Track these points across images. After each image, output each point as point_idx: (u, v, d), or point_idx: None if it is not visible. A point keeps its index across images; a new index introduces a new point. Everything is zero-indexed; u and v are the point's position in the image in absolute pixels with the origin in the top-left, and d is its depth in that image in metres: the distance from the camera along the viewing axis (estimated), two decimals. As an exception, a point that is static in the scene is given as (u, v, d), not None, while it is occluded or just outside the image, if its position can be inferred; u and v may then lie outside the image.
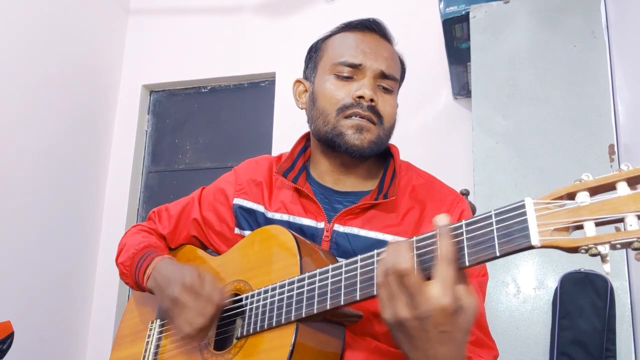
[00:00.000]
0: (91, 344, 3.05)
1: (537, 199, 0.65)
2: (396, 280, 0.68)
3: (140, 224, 1.23)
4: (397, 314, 0.67)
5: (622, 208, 0.58)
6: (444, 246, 0.67)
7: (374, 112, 1.00)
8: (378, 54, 1.03)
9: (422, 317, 0.65)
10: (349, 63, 1.02)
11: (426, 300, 0.65)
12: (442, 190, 1.05)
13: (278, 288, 0.87)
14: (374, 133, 1.00)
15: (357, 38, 1.05)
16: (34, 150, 2.76)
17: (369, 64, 1.01)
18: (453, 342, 0.67)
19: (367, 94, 0.99)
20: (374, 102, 1.00)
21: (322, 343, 0.86)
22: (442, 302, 0.64)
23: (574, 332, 1.63)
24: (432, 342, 0.67)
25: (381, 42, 1.06)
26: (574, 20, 1.92)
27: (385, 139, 1.04)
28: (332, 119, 1.01)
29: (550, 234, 0.62)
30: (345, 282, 0.79)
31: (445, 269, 0.66)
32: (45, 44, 2.85)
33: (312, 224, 1.01)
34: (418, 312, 0.65)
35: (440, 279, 0.65)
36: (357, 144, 0.99)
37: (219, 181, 1.19)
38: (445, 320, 0.65)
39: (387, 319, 0.69)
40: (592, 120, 1.80)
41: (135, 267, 1.08)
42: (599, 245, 0.59)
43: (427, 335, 0.66)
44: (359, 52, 1.03)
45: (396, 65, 1.07)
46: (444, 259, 0.66)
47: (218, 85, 3.34)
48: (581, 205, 0.61)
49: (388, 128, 1.03)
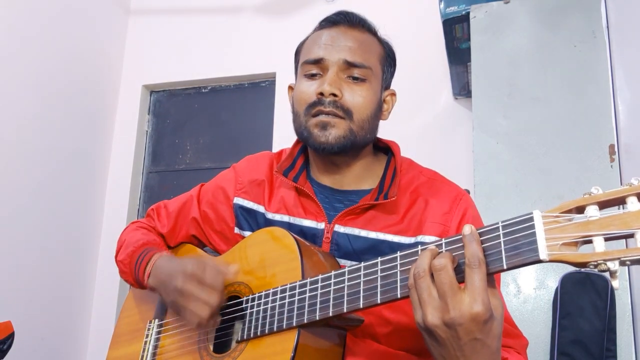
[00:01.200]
0: (91, 344, 3.05)
1: (546, 211, 0.64)
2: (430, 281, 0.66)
3: (139, 220, 1.22)
4: (426, 318, 0.66)
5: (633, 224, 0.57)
6: (471, 252, 0.65)
7: (337, 107, 0.96)
8: (339, 44, 1.00)
9: (453, 324, 0.64)
10: (312, 60, 1.00)
11: (458, 307, 0.63)
12: (444, 188, 1.03)
13: (279, 293, 0.86)
14: (340, 128, 0.97)
15: (323, 34, 1.03)
16: (34, 150, 2.76)
17: (329, 56, 0.99)
18: (486, 350, 0.65)
19: (326, 89, 0.96)
20: (337, 96, 0.97)
21: (324, 348, 0.85)
22: (474, 310, 0.63)
23: (574, 332, 1.63)
24: (464, 350, 0.65)
25: (347, 32, 1.02)
26: (574, 20, 1.92)
27: (360, 132, 0.99)
28: (302, 120, 1.00)
29: (559, 249, 0.61)
30: (348, 290, 0.78)
31: (475, 275, 0.64)
32: (45, 44, 2.85)
33: (312, 225, 1.00)
34: (449, 317, 0.64)
35: (471, 286, 0.64)
36: (322, 141, 0.97)
37: (218, 179, 1.17)
38: (478, 328, 0.64)
39: (418, 323, 0.68)
40: (593, 120, 1.80)
41: (135, 265, 1.07)
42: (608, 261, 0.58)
43: (459, 342, 0.65)
44: (320, 46, 1.01)
45: (366, 52, 1.01)
46: (472, 264, 0.65)
47: (218, 85, 3.34)
48: (590, 219, 0.60)
49: (360, 120, 0.98)
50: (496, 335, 0.65)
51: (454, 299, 0.64)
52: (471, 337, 0.64)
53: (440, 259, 0.66)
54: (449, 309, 0.64)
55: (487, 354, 0.66)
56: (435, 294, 0.66)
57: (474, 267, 0.64)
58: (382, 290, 0.74)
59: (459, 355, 0.66)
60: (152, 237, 1.14)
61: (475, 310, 0.63)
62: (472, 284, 0.64)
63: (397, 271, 0.74)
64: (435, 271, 0.66)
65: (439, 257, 0.67)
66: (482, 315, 0.63)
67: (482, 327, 0.64)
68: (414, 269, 0.68)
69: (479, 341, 0.64)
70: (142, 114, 3.37)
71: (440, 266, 0.66)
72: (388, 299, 0.74)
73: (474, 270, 0.64)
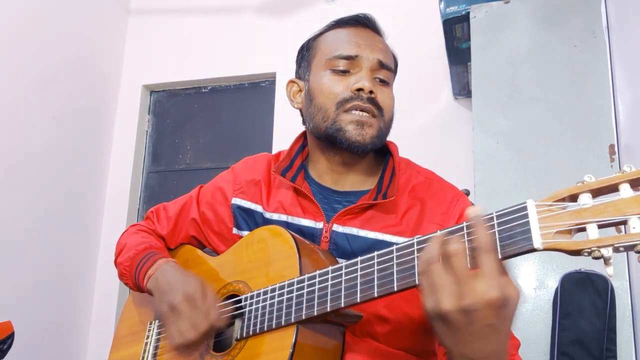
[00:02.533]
0: (91, 344, 3.05)
1: (539, 200, 0.64)
2: (442, 267, 0.65)
3: (139, 223, 1.22)
4: (440, 305, 0.64)
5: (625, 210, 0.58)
6: (482, 236, 0.64)
7: (374, 104, 0.98)
8: (373, 45, 1.02)
9: (468, 310, 0.63)
10: (345, 55, 1.01)
11: (472, 292, 0.62)
12: (442, 188, 1.03)
13: (277, 290, 0.87)
14: (375, 127, 0.98)
15: (350, 32, 1.04)
16: (34, 150, 2.76)
17: (365, 55, 1.00)
18: (498, 335, 0.65)
19: (367, 85, 0.98)
20: (373, 93, 0.98)
21: (323, 344, 0.85)
22: (490, 295, 0.62)
23: (574, 332, 1.63)
24: (477, 336, 0.64)
25: (374, 35, 1.06)
26: (574, 20, 1.92)
27: (386, 132, 1.02)
28: (331, 114, 0.99)
29: (553, 237, 0.62)
30: (345, 284, 0.78)
31: (488, 259, 0.63)
32: (45, 44, 2.85)
33: (310, 225, 1.00)
34: (463, 304, 0.63)
35: (486, 271, 0.63)
36: (359, 140, 0.97)
37: (217, 180, 1.17)
38: (492, 314, 0.62)
39: (430, 309, 0.66)
40: (593, 120, 1.80)
41: (136, 268, 1.07)
42: (601, 248, 0.58)
43: (472, 328, 0.64)
44: (353, 44, 1.02)
45: (390, 57, 1.06)
46: (485, 248, 0.63)
47: (218, 85, 3.34)
48: (584, 207, 0.61)
49: (388, 120, 1.02)
50: (509, 321, 0.65)
51: (468, 284, 0.63)
52: (485, 322, 0.63)
53: (453, 244, 0.65)
54: (463, 294, 0.63)
55: (498, 339, 0.65)
56: (448, 280, 0.64)
57: (486, 251, 0.63)
58: (378, 284, 0.75)
59: (471, 341, 0.65)
60: (153, 240, 1.14)
61: (490, 296, 0.62)
62: (487, 269, 0.63)
63: (394, 263, 0.74)
64: (447, 257, 0.65)
65: (451, 242, 0.66)
66: (498, 301, 0.62)
67: (498, 313, 0.63)
68: (425, 255, 0.67)
69: (493, 327, 0.63)
70: (142, 114, 3.37)
71: (453, 251, 0.65)
72: (384, 292, 0.74)
73: (487, 254, 0.63)
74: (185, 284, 0.93)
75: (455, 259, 0.65)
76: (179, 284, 0.94)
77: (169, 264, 1.03)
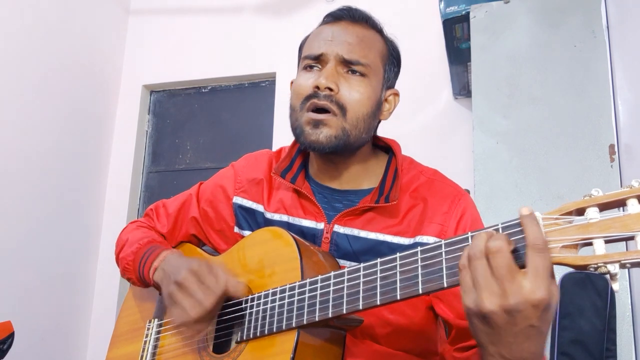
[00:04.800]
0: (91, 344, 3.05)
1: (545, 213, 0.63)
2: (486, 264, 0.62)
3: (139, 220, 1.21)
4: (482, 303, 0.62)
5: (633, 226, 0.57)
6: (533, 233, 0.61)
7: (332, 101, 0.94)
8: (340, 39, 0.98)
9: (512, 310, 0.60)
10: (312, 55, 0.99)
11: (519, 292, 0.60)
12: (444, 188, 1.01)
13: (279, 293, 0.86)
14: (333, 127, 0.94)
15: (326, 29, 1.02)
16: (34, 150, 2.76)
17: (329, 51, 0.98)
18: (539, 337, 0.63)
19: (322, 82, 0.94)
20: (332, 90, 0.94)
21: (323, 349, 0.85)
22: (537, 296, 0.59)
23: (574, 332, 1.63)
24: (518, 337, 0.62)
25: (348, 27, 1.01)
26: (574, 20, 1.92)
27: (353, 131, 0.96)
28: (298, 114, 0.98)
29: (559, 251, 0.61)
30: (347, 291, 0.78)
31: (538, 258, 0.60)
32: (45, 44, 2.85)
33: (311, 225, 1.00)
34: (508, 303, 0.60)
35: (535, 271, 0.60)
36: (313, 140, 0.94)
37: (218, 177, 1.16)
38: (536, 315, 0.61)
39: (470, 307, 0.63)
40: (593, 120, 1.80)
41: (140, 262, 1.06)
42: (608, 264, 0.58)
43: (514, 329, 0.61)
44: (321, 42, 1.00)
45: (365, 48, 0.99)
46: (535, 247, 0.61)
47: (218, 85, 3.34)
48: (591, 221, 0.60)
49: (354, 118, 0.95)
50: (550, 322, 0.63)
51: (513, 284, 0.60)
52: (528, 323, 0.61)
53: (496, 241, 0.63)
54: (507, 294, 0.60)
55: (539, 340, 0.64)
56: (492, 278, 0.62)
57: (537, 250, 0.61)
58: (381, 292, 0.74)
59: (512, 342, 0.63)
60: (155, 235, 1.14)
61: (537, 297, 0.60)
62: (537, 269, 0.60)
63: (397, 272, 0.73)
64: (491, 253, 0.62)
65: (494, 239, 0.63)
66: (544, 302, 0.60)
67: (541, 315, 0.61)
68: (468, 250, 0.65)
69: (535, 328, 0.62)
70: (142, 114, 3.37)
71: (496, 248, 0.62)
72: (387, 300, 0.74)
73: (537, 253, 0.61)
74: (189, 262, 0.93)
75: (500, 255, 0.62)
76: (183, 264, 0.93)
77: (173, 254, 1.03)
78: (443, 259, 0.69)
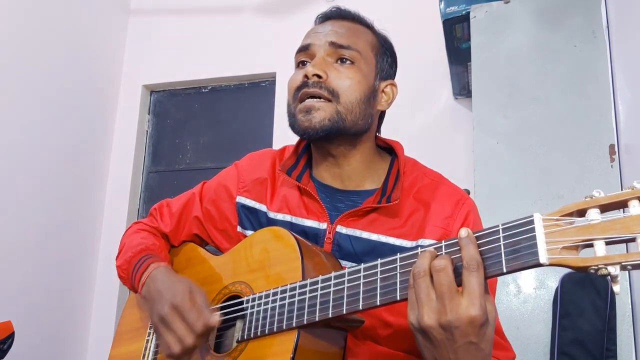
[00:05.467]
0: (91, 344, 3.05)
1: (546, 214, 0.63)
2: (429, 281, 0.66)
3: (141, 221, 1.21)
4: (422, 319, 0.66)
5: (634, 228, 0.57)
6: (467, 254, 0.66)
7: (321, 88, 0.95)
8: (328, 31, 1.01)
9: (449, 326, 0.64)
10: (300, 48, 1.02)
11: (455, 309, 0.64)
12: (447, 191, 1.01)
13: (279, 293, 0.86)
14: (326, 111, 0.94)
15: (315, 27, 1.05)
16: (34, 150, 2.76)
17: (316, 42, 1.00)
18: (478, 353, 0.66)
19: (309, 70, 0.96)
20: (321, 77, 0.96)
21: (324, 349, 0.85)
22: (471, 313, 0.63)
23: (574, 332, 1.63)
24: (458, 353, 0.66)
25: (337, 21, 1.04)
26: (574, 20, 1.92)
27: (349, 115, 0.96)
28: (292, 108, 1.00)
29: (559, 252, 0.61)
30: (347, 292, 0.78)
31: (472, 277, 0.65)
32: (45, 44, 2.85)
33: (314, 225, 1.00)
34: (445, 319, 0.64)
35: (469, 289, 0.64)
36: (306, 126, 0.95)
37: (221, 176, 1.16)
38: (474, 332, 0.64)
39: (412, 323, 0.68)
40: (593, 120, 1.80)
41: (132, 272, 1.06)
42: (609, 266, 0.58)
43: (454, 345, 0.65)
44: (309, 36, 1.03)
45: (353, 36, 1.00)
46: (469, 267, 0.65)
47: (218, 85, 3.34)
48: (592, 223, 0.60)
49: (348, 102, 0.96)
50: (489, 339, 0.67)
51: (452, 301, 0.65)
52: (466, 340, 0.65)
53: (440, 260, 0.67)
54: (446, 311, 0.65)
55: (480, 357, 0.66)
56: (433, 295, 0.66)
57: (472, 270, 0.65)
58: (381, 292, 0.74)
59: (452, 358, 0.66)
60: (152, 240, 1.13)
61: (472, 314, 0.63)
62: (470, 287, 0.64)
63: (397, 273, 0.74)
64: (434, 272, 0.67)
65: (438, 259, 0.67)
66: (479, 319, 0.64)
67: (478, 331, 0.65)
68: (414, 268, 0.69)
69: (474, 344, 0.65)
70: (142, 114, 3.37)
71: (439, 267, 0.66)
72: (387, 301, 0.74)
73: (472, 273, 0.65)
74: (173, 292, 0.92)
75: (440, 274, 0.66)
76: (167, 292, 0.92)
77: (159, 269, 1.01)
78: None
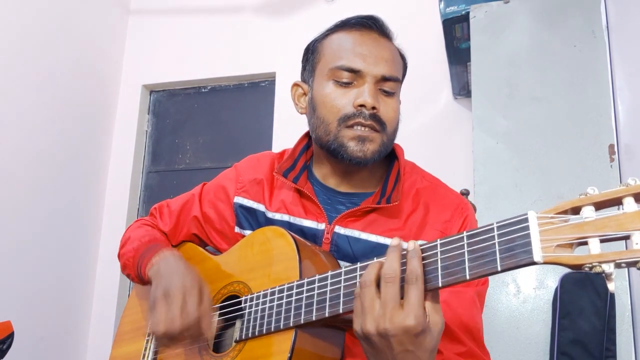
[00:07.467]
0: (91, 344, 3.05)
1: (541, 212, 0.63)
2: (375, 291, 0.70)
3: (143, 218, 1.23)
4: (365, 326, 0.70)
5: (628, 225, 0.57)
6: (411, 268, 0.69)
7: (376, 120, 0.96)
8: (378, 56, 0.98)
9: (386, 334, 0.68)
10: (348, 68, 0.97)
11: (393, 318, 0.67)
12: (447, 195, 1.03)
13: (277, 293, 0.87)
14: (377, 142, 0.97)
15: (355, 40, 1.00)
16: (34, 150, 2.76)
17: (368, 70, 0.97)
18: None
19: (369, 102, 0.95)
20: (375, 109, 0.96)
21: (322, 348, 0.85)
22: (406, 323, 0.67)
23: (574, 332, 1.63)
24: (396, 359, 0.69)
25: (380, 41, 1.01)
26: (574, 20, 1.92)
27: (389, 144, 1.01)
28: (333, 129, 0.97)
29: (554, 250, 0.61)
30: (344, 291, 0.78)
31: (411, 288, 0.68)
32: (45, 44, 2.85)
33: (312, 225, 1.00)
34: (383, 327, 0.68)
35: (407, 300, 0.68)
36: (359, 156, 0.96)
37: (220, 178, 1.17)
38: (409, 340, 0.68)
39: (356, 330, 0.72)
40: (592, 120, 1.80)
41: (139, 258, 1.07)
42: (603, 263, 0.57)
43: (392, 352, 0.69)
44: (357, 56, 0.98)
45: (397, 65, 1.02)
46: (409, 280, 0.68)
47: (218, 85, 3.34)
48: (586, 220, 0.60)
49: (391, 132, 1.00)
50: (428, 349, 0.69)
51: (392, 311, 0.68)
52: (403, 348, 0.68)
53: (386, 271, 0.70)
54: (385, 319, 0.68)
55: None
56: (376, 304, 0.69)
57: (411, 283, 0.68)
58: None
59: None
60: (157, 234, 1.15)
61: (407, 324, 0.66)
62: (409, 299, 0.68)
63: None
64: (383, 282, 0.70)
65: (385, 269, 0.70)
66: (414, 329, 0.67)
67: (414, 340, 0.67)
68: (362, 278, 0.72)
69: (410, 352, 0.68)
70: (142, 114, 3.37)
71: (389, 278, 0.69)
72: None
73: (411, 286, 0.68)
74: (186, 277, 0.93)
75: (389, 285, 0.69)
76: (180, 274, 0.94)
77: (174, 254, 1.03)
78: (438, 259, 0.70)
